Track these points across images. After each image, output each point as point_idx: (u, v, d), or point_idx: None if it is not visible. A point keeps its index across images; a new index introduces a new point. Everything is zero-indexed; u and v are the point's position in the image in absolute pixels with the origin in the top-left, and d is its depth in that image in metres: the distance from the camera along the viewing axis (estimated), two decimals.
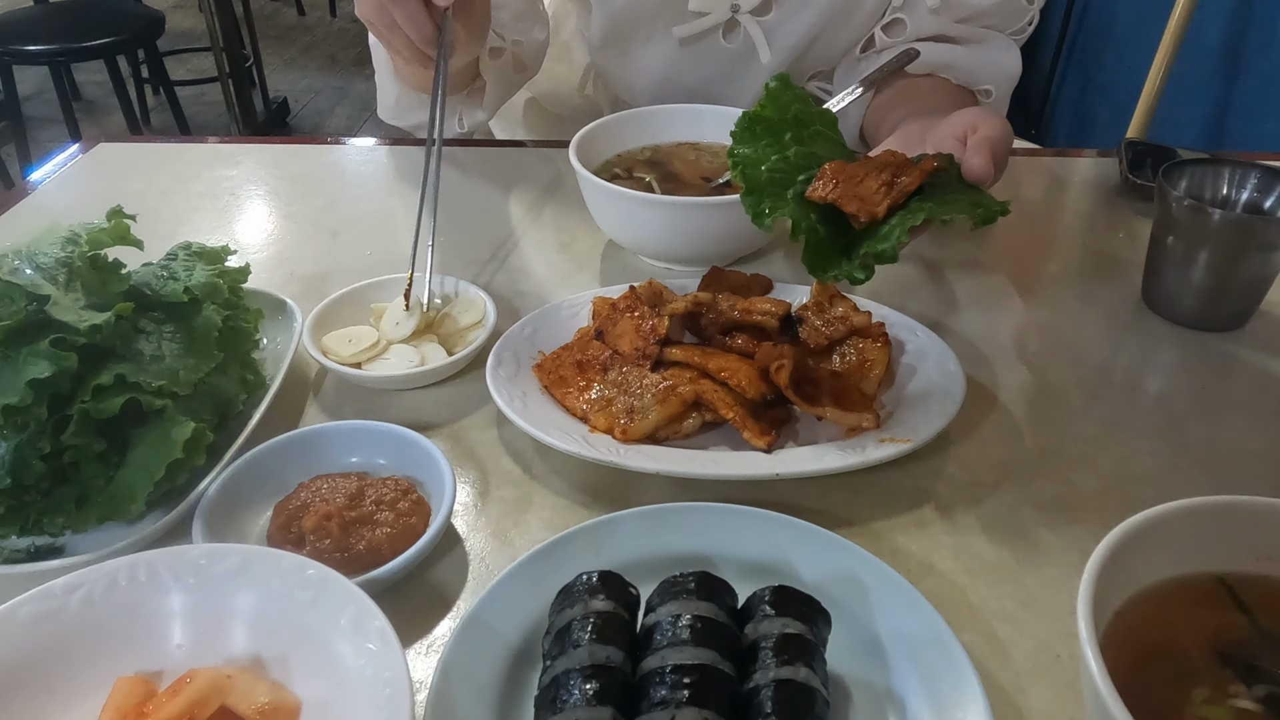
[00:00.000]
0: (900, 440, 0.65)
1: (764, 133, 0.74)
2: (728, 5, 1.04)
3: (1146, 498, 0.64)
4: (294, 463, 0.64)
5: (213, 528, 0.59)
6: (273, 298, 0.79)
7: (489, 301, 0.79)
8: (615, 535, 0.59)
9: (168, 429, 0.60)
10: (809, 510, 0.63)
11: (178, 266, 0.70)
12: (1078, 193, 1.06)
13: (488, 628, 0.53)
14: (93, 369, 0.60)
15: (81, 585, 0.52)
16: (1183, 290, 0.80)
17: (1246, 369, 0.77)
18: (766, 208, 0.69)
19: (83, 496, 0.59)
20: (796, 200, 0.68)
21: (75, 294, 0.64)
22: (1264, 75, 1.87)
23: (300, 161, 1.13)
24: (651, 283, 0.79)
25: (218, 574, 0.53)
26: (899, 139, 0.81)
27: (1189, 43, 1.83)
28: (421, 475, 0.64)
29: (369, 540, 0.59)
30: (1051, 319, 0.84)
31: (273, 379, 0.71)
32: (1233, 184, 0.81)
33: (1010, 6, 1.04)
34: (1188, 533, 0.50)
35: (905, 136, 0.81)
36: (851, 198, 0.66)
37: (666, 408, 0.68)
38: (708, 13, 1.04)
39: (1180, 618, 0.50)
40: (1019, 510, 0.64)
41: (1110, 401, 0.74)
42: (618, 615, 0.50)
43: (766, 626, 0.49)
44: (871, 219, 0.66)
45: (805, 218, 0.66)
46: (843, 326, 0.75)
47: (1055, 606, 0.57)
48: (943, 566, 0.60)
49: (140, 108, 3.87)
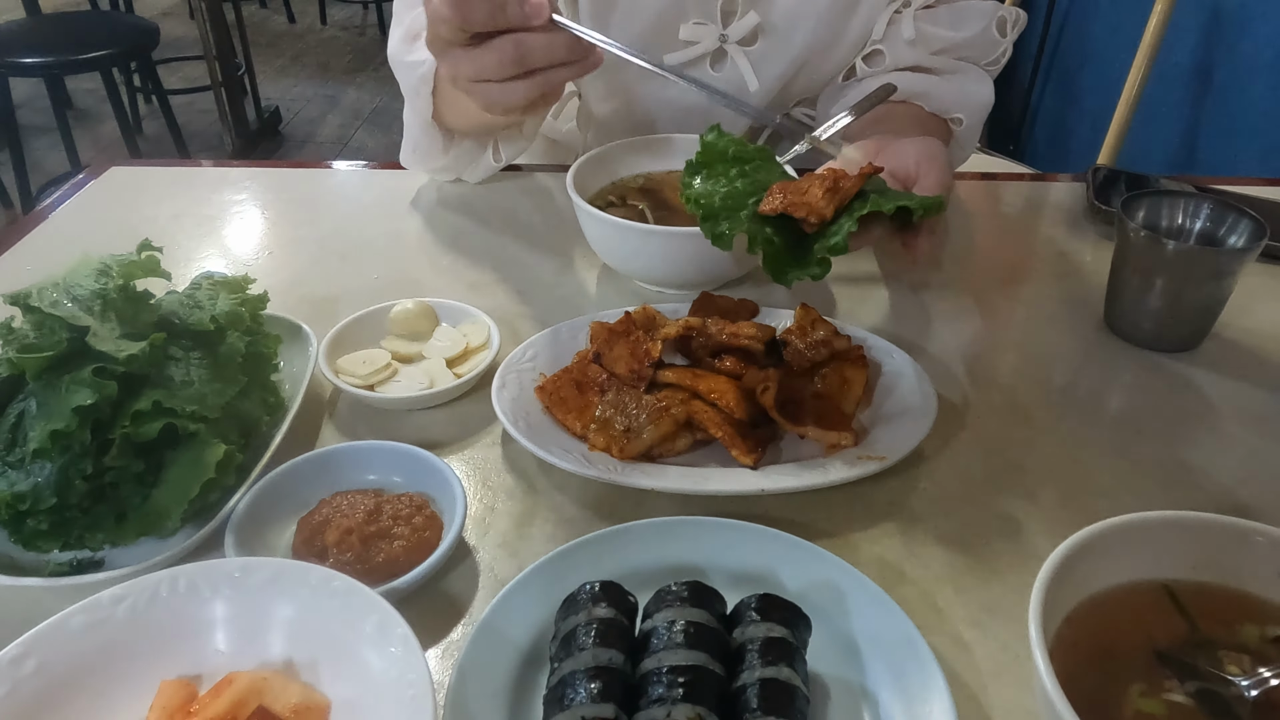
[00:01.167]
0: (876, 458, 0.71)
1: (710, 173, 0.82)
2: (716, 35, 1.09)
3: (1102, 510, 0.69)
4: (315, 480, 0.69)
5: (243, 542, 0.64)
6: (289, 322, 0.83)
7: (492, 326, 0.84)
8: (614, 548, 0.64)
9: (200, 450, 0.64)
10: (792, 522, 0.69)
11: (202, 296, 0.75)
12: (1049, 217, 1.12)
13: (499, 633, 0.58)
14: (131, 395, 0.64)
15: (127, 596, 0.57)
16: (1140, 314, 0.86)
17: (1198, 388, 0.83)
18: (725, 229, 0.75)
19: (122, 514, 0.64)
20: (750, 218, 0.75)
21: (111, 324, 0.68)
22: (1234, 95, 1.93)
23: (306, 185, 1.18)
24: (645, 308, 0.84)
25: (252, 585, 0.58)
26: (858, 148, 0.86)
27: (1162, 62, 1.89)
28: (434, 491, 0.69)
29: (387, 553, 0.64)
30: (1020, 340, 0.90)
31: (292, 400, 0.76)
32: (1187, 214, 0.87)
33: (983, 40, 1.09)
34: (1131, 544, 0.56)
35: (863, 148, 0.86)
36: (800, 205, 0.73)
37: (660, 427, 0.73)
38: (697, 42, 1.09)
39: (1125, 621, 0.55)
40: (985, 522, 0.69)
41: (1072, 420, 0.80)
42: (618, 621, 0.55)
43: (753, 631, 0.54)
44: (821, 220, 0.73)
45: (760, 231, 0.73)
46: (824, 349, 0.80)
47: (1016, 611, 0.62)
48: (914, 574, 0.65)
49: (133, 116, 3.90)
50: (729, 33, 1.08)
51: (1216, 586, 0.56)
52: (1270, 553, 0.55)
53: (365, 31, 5.34)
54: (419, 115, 1.02)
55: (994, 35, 1.09)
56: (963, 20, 1.07)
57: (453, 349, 0.83)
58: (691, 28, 1.07)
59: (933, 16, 1.07)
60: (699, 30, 1.08)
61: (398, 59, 1.03)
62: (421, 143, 1.06)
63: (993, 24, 1.08)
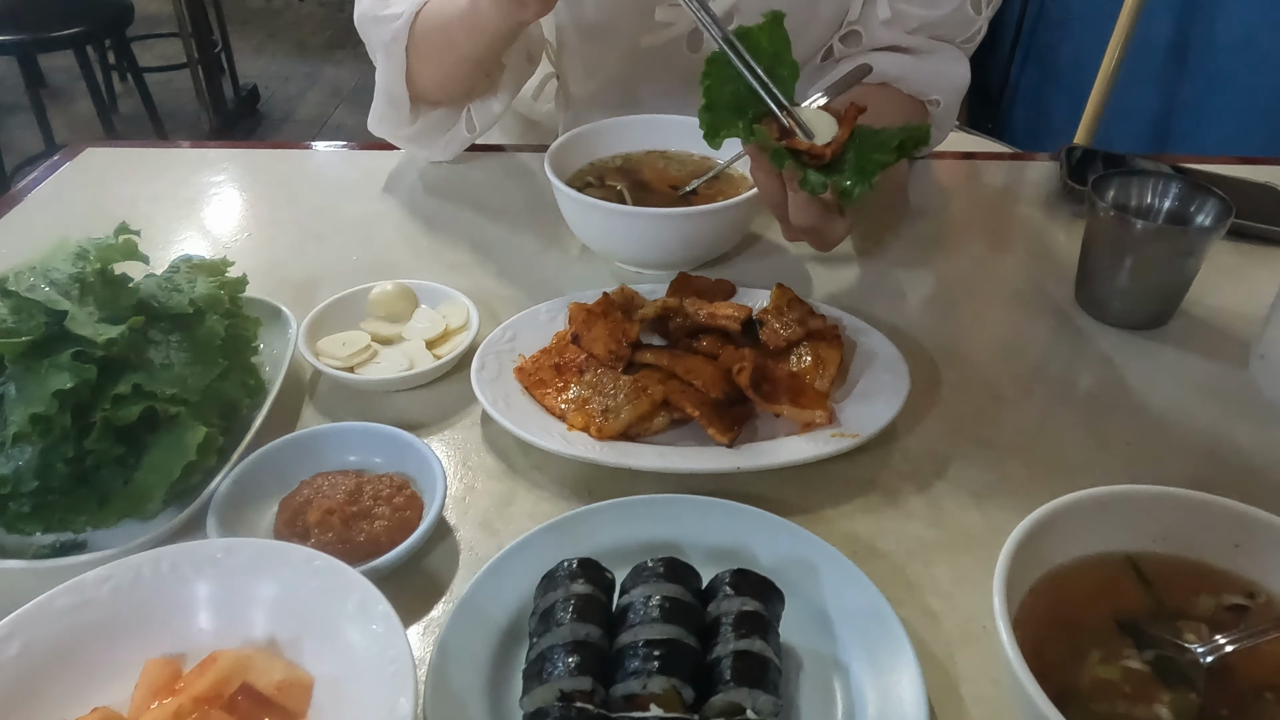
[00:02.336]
0: (849, 435, 0.72)
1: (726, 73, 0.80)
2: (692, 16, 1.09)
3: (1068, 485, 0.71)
4: (297, 461, 0.70)
5: (225, 523, 0.65)
6: (268, 305, 0.84)
7: (472, 307, 0.85)
8: (592, 525, 0.65)
9: (181, 433, 0.65)
10: (767, 499, 0.70)
11: (180, 279, 0.75)
12: (1024, 196, 1.13)
13: (479, 610, 0.59)
14: (110, 379, 0.65)
15: (111, 577, 0.57)
16: (1110, 292, 0.88)
17: (1165, 365, 0.85)
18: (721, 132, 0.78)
19: (103, 496, 0.64)
20: (747, 127, 0.78)
21: (89, 308, 0.68)
22: (1209, 72, 1.95)
23: (284, 166, 1.18)
24: (623, 288, 0.85)
25: (234, 565, 0.58)
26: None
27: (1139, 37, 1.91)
28: (414, 472, 0.70)
29: (368, 533, 0.65)
30: (993, 318, 0.91)
31: (272, 382, 0.76)
32: (1157, 193, 0.89)
33: (958, 18, 1.10)
34: (1094, 518, 0.58)
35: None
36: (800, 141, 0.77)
37: (638, 407, 0.74)
38: (673, 23, 1.10)
39: (1088, 592, 0.57)
40: (955, 496, 0.71)
41: (1041, 396, 0.81)
42: (596, 597, 0.56)
43: (727, 605, 0.56)
44: (818, 160, 0.76)
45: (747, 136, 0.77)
46: (799, 329, 0.81)
47: (983, 583, 0.63)
48: (886, 548, 0.67)
49: (108, 95, 3.85)
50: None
51: (1177, 558, 0.58)
52: (1227, 524, 0.57)
53: (344, 7, 5.23)
54: (388, 76, 1.03)
55: (969, 13, 1.10)
56: None
57: (432, 330, 0.84)
58: (667, 9, 1.07)
59: None
60: (674, 12, 1.08)
61: (369, 15, 1.03)
62: (389, 110, 1.06)
63: (966, 2, 1.08)
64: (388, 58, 1.02)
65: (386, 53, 1.02)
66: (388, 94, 1.05)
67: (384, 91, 1.05)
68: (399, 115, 1.07)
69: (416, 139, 1.11)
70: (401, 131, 1.10)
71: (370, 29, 1.04)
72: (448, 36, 0.98)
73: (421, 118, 1.08)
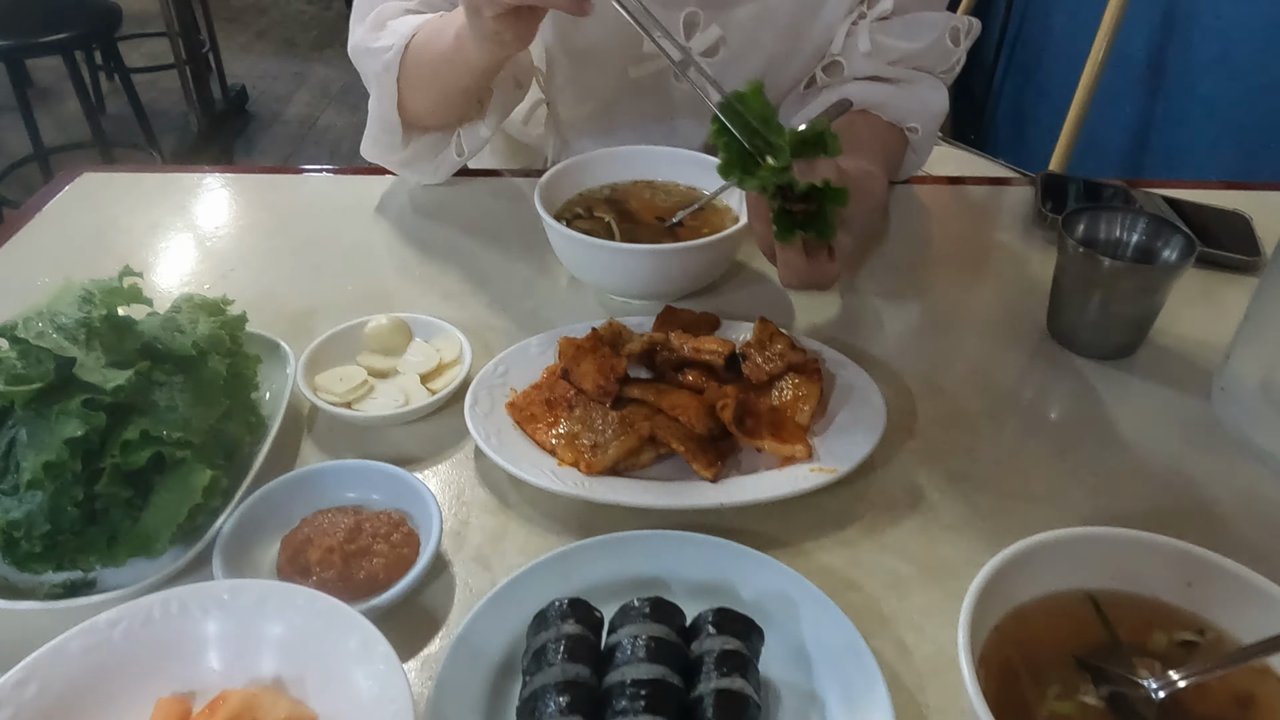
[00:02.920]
0: (828, 470, 0.75)
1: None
2: (678, 49, 1.12)
3: (1036, 517, 0.75)
4: (297, 499, 0.73)
5: (230, 562, 0.67)
6: (267, 339, 0.86)
7: (465, 342, 0.88)
8: (582, 561, 0.68)
9: (187, 475, 0.68)
10: (749, 532, 0.73)
11: (182, 319, 0.78)
12: (1000, 222, 1.17)
13: (474, 646, 0.62)
14: (119, 423, 0.67)
15: (122, 620, 0.60)
16: (1079, 324, 0.91)
17: (1132, 395, 0.88)
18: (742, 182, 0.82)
19: (113, 536, 0.67)
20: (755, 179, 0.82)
21: (96, 352, 0.71)
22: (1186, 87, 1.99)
23: (280, 192, 1.20)
24: (612, 323, 0.88)
25: (241, 606, 0.61)
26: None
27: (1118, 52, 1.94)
28: (410, 508, 0.73)
29: (368, 570, 0.67)
30: (968, 348, 0.94)
31: (272, 418, 0.79)
32: (1125, 228, 0.92)
33: (937, 50, 1.13)
34: (1055, 558, 0.61)
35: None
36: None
37: (625, 442, 0.77)
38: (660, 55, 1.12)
39: (1049, 629, 0.60)
40: (928, 529, 0.74)
41: (1012, 428, 0.85)
42: (585, 637, 0.59)
43: (709, 644, 0.59)
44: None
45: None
46: (781, 363, 0.84)
47: (953, 615, 0.66)
48: (861, 581, 0.70)
49: (95, 95, 3.84)
50: (692, 45, 1.11)
51: (1133, 595, 0.61)
52: (1180, 564, 0.60)
53: (331, 5, 5.27)
54: (380, 105, 1.06)
55: (947, 45, 1.13)
56: (917, 31, 1.11)
57: (426, 364, 0.86)
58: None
59: (887, 28, 1.10)
60: (663, 43, 1.10)
61: (362, 47, 1.07)
62: (382, 136, 1.09)
63: (945, 35, 1.12)
64: (380, 87, 1.05)
65: (379, 83, 1.05)
66: (381, 121, 1.08)
67: (377, 119, 1.09)
68: (391, 141, 1.10)
69: (409, 163, 1.15)
70: (394, 156, 1.13)
71: (363, 60, 1.07)
72: (436, 69, 1.01)
73: (413, 143, 1.11)
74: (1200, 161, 1.91)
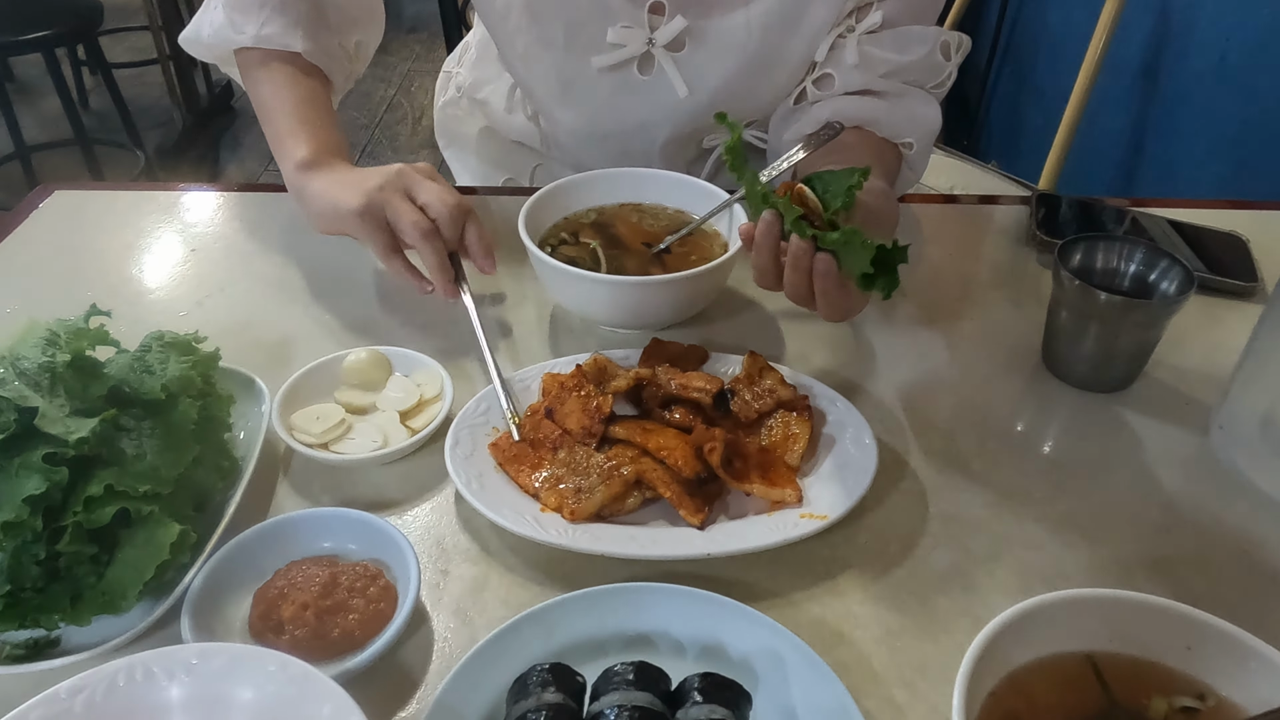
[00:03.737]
0: (818, 516, 0.73)
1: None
2: (644, 39, 1.09)
3: (1032, 564, 0.73)
4: (272, 549, 0.70)
5: (199, 619, 0.65)
6: (241, 375, 0.84)
7: (446, 378, 0.85)
8: (564, 617, 0.66)
9: (154, 531, 0.65)
10: (736, 582, 0.71)
11: (152, 359, 0.75)
12: (994, 243, 1.14)
13: (452, 711, 0.60)
14: (82, 476, 0.65)
15: (84, 688, 0.58)
16: (1075, 357, 0.89)
17: (1129, 430, 0.87)
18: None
19: (76, 594, 0.64)
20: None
21: (59, 399, 0.68)
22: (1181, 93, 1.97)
23: (259, 210, 1.17)
24: (596, 359, 0.85)
25: (209, 671, 0.59)
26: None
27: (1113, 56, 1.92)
28: (388, 558, 0.71)
29: (343, 627, 0.65)
30: (961, 379, 0.92)
31: (246, 460, 0.77)
32: (1121, 258, 0.90)
33: (928, 63, 1.11)
34: (1052, 621, 0.59)
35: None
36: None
37: (610, 487, 0.75)
38: (624, 45, 1.10)
39: (1046, 695, 0.58)
40: (920, 578, 0.73)
41: (1007, 466, 0.83)
42: (567, 705, 0.57)
43: (695, 713, 0.57)
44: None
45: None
46: (770, 399, 0.83)
47: (947, 673, 0.65)
48: (852, 635, 0.68)
49: (78, 92, 3.79)
50: (656, 37, 1.08)
51: (1132, 658, 0.60)
52: (1180, 628, 0.59)
53: None
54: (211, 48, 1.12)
55: (938, 59, 1.11)
56: (907, 44, 1.08)
57: (406, 401, 0.84)
58: (619, 31, 1.07)
59: (877, 40, 1.08)
60: (626, 34, 1.08)
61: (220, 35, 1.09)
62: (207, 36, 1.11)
63: (936, 48, 1.09)
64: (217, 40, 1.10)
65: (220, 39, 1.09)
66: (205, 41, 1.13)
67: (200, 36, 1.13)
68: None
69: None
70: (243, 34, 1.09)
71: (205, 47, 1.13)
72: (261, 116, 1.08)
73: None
74: (1194, 171, 1.89)
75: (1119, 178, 2.09)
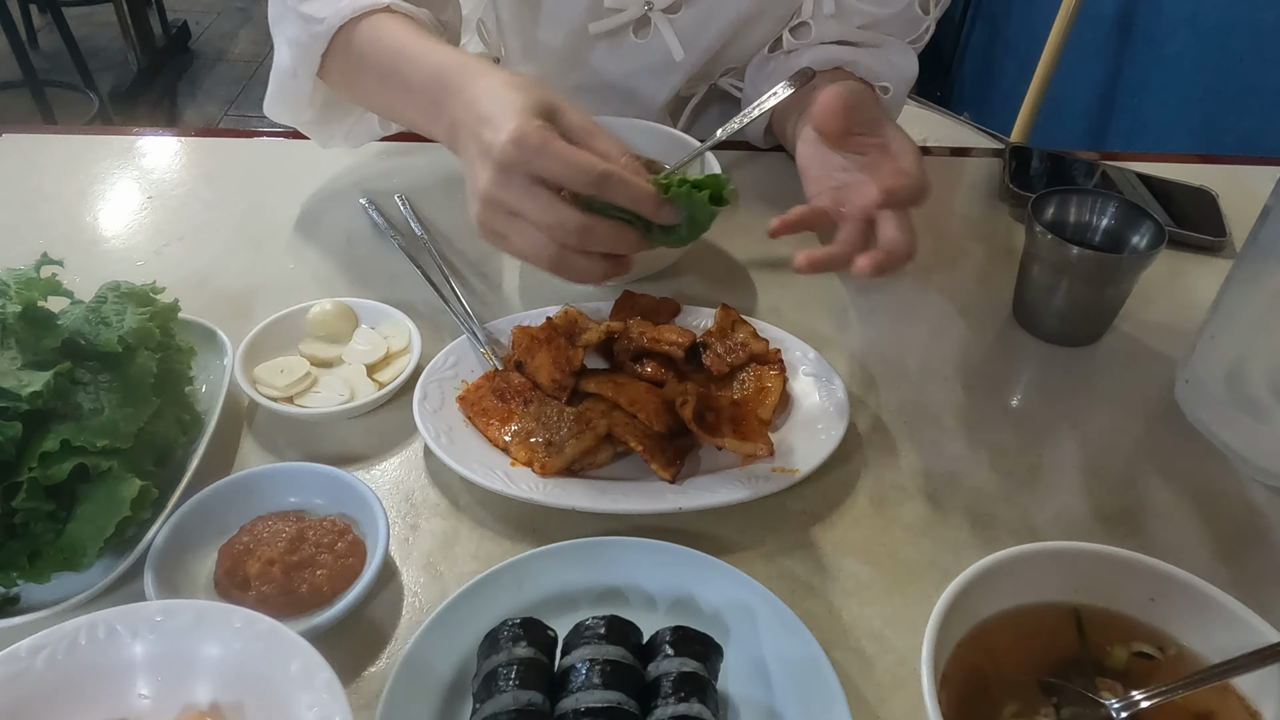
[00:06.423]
0: (789, 470, 0.73)
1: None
2: (641, 2, 1.07)
3: (1000, 516, 0.74)
4: (236, 505, 0.69)
5: (162, 576, 0.64)
6: (203, 327, 0.81)
7: (414, 329, 0.84)
8: (535, 571, 0.66)
9: (114, 486, 0.64)
10: (707, 535, 0.71)
11: (108, 310, 0.73)
12: (964, 197, 1.14)
13: (422, 666, 0.60)
14: (37, 431, 0.63)
15: (45, 646, 0.56)
16: (1045, 311, 0.89)
17: (1097, 384, 0.87)
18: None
19: (34, 552, 0.63)
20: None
21: (10, 351, 0.66)
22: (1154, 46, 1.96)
23: (220, 156, 1.13)
24: (568, 311, 0.84)
25: (173, 629, 0.58)
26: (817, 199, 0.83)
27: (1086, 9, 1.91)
28: (356, 513, 0.70)
29: (310, 583, 0.64)
30: (933, 333, 0.92)
31: (208, 415, 0.75)
32: (1094, 212, 0.90)
33: (906, 16, 1.09)
34: (1019, 574, 0.60)
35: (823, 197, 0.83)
36: None
37: (582, 441, 0.74)
38: (623, 9, 1.07)
39: (1012, 646, 0.59)
40: (890, 531, 0.73)
41: (977, 420, 0.83)
42: (538, 660, 0.57)
43: (666, 665, 0.57)
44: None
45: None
46: (743, 353, 0.82)
47: (915, 624, 0.66)
48: (822, 588, 0.69)
49: (26, 31, 3.64)
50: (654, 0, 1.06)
51: (1096, 609, 0.61)
52: (1144, 579, 0.59)
53: None
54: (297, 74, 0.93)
55: (916, 12, 1.09)
56: None
57: (373, 354, 0.82)
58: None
59: None
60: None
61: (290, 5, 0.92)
62: (288, 87, 0.95)
63: (915, 2, 1.08)
64: (300, 56, 0.92)
65: (301, 51, 0.91)
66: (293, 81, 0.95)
67: (287, 77, 0.95)
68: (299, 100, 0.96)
69: (319, 125, 1.02)
70: (302, 116, 1.00)
71: (286, 20, 0.93)
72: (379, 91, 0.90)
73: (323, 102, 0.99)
74: (1166, 124, 1.90)
75: (1091, 130, 2.09)
